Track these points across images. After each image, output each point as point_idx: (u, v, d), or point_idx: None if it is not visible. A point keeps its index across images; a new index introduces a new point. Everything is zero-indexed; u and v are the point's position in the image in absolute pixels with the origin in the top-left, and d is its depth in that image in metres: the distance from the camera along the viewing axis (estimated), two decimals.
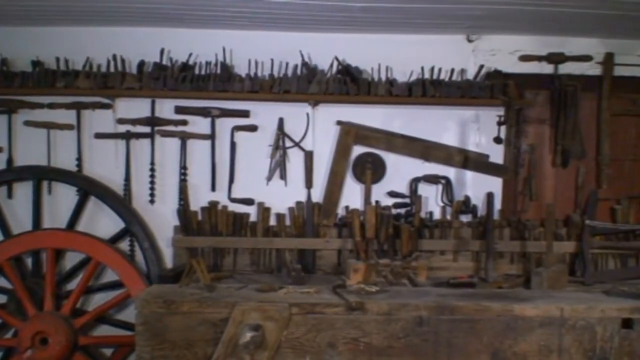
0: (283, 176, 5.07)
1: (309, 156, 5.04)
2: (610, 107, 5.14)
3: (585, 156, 5.17)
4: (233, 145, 5.06)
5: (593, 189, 5.15)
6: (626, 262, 5.06)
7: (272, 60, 4.96)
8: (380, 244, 4.86)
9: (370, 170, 5.03)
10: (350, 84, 4.88)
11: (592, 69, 5.16)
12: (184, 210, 4.97)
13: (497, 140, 5.06)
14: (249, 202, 5.07)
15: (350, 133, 5.03)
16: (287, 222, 5.08)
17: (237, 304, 3.71)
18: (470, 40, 5.11)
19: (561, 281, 4.53)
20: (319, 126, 5.09)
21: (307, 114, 5.05)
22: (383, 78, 4.96)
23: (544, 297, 4.05)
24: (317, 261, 5.02)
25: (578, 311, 3.82)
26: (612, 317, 3.83)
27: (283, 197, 5.08)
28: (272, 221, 5.07)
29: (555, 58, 5.10)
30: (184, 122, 5.05)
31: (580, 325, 3.82)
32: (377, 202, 5.03)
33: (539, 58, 5.12)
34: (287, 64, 4.98)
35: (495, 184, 5.11)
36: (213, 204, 5.02)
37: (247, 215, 5.03)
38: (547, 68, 5.13)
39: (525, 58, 5.11)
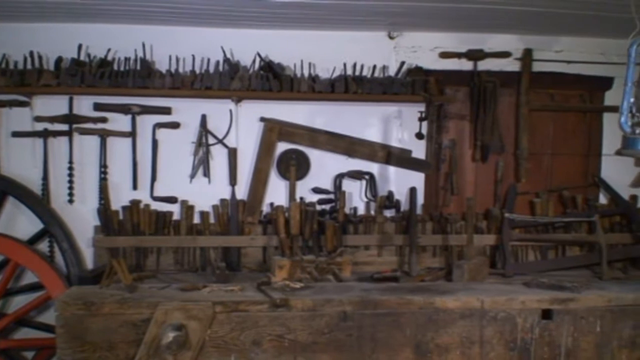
0: (207, 174, 5.03)
1: (232, 153, 5.01)
2: (529, 102, 5.24)
3: (504, 151, 5.28)
4: (155, 143, 4.98)
5: (512, 182, 5.28)
6: (546, 254, 5.19)
7: (193, 56, 4.90)
8: (305, 240, 4.89)
9: (295, 167, 5.04)
10: (272, 80, 4.84)
11: (510, 65, 5.26)
12: (104, 209, 4.88)
13: (419, 135, 5.11)
14: (172, 200, 5.01)
15: (274, 130, 5.02)
16: (212, 220, 5.04)
17: (160, 304, 3.68)
18: (391, 37, 5.15)
19: (482, 273, 4.62)
20: (243, 123, 5.06)
21: (230, 111, 5.01)
22: (306, 74, 4.96)
23: (465, 290, 4.13)
24: (242, 259, 4.99)
25: (499, 303, 3.92)
26: (532, 308, 3.94)
27: (207, 194, 5.03)
28: (196, 219, 5.04)
29: (475, 55, 5.18)
30: (104, 120, 4.94)
31: (501, 316, 3.91)
32: (301, 198, 5.05)
33: (459, 55, 5.19)
34: (208, 60, 4.92)
35: (417, 179, 5.17)
36: (135, 203, 4.93)
37: (170, 213, 4.98)
38: (467, 65, 5.22)
39: (445, 55, 5.18)
